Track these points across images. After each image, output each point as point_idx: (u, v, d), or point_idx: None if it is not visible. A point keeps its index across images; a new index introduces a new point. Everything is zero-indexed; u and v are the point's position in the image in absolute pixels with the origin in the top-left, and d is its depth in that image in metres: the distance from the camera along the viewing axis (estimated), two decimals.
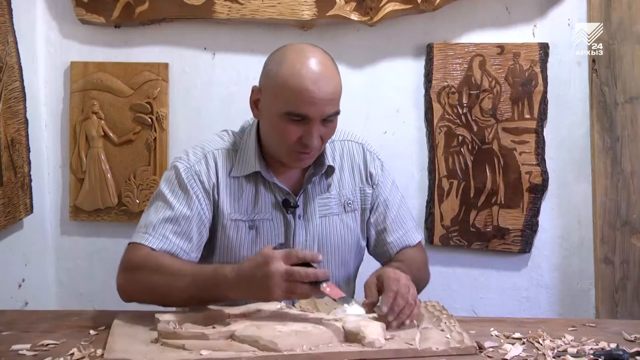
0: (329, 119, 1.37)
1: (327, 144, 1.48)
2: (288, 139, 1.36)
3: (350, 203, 1.52)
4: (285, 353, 1.14)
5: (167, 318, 1.25)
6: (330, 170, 1.50)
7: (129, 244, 1.41)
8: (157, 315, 1.26)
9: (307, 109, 1.33)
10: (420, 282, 1.48)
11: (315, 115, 1.34)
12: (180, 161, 1.45)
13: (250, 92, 1.44)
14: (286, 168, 1.46)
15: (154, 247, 1.37)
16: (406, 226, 1.57)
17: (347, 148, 1.55)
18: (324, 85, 1.33)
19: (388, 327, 1.24)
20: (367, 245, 1.59)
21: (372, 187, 1.55)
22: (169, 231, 1.38)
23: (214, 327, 1.23)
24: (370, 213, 1.55)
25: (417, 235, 1.59)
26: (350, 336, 1.20)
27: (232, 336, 1.19)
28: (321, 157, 1.47)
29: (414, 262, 1.51)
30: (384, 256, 1.57)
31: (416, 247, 1.58)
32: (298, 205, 1.47)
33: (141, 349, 1.15)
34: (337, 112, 1.39)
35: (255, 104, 1.43)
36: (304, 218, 1.48)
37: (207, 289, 1.28)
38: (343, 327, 1.22)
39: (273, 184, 1.45)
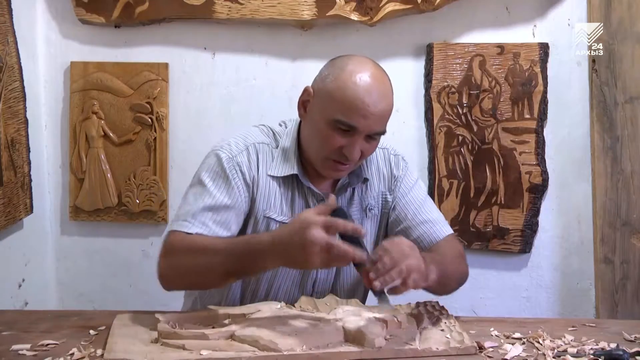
0: (374, 137, 1.36)
1: None
2: (329, 146, 1.35)
3: (371, 208, 1.50)
4: (285, 353, 1.14)
5: (168, 318, 1.25)
6: (364, 181, 1.49)
7: (168, 231, 1.38)
8: (157, 315, 1.26)
9: (357, 121, 1.31)
10: (455, 273, 1.43)
11: (364, 128, 1.32)
12: (222, 150, 1.42)
13: (302, 92, 1.42)
14: (321, 175, 1.44)
15: (191, 232, 1.34)
16: (431, 221, 1.50)
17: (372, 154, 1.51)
18: (379, 102, 1.32)
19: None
20: None
21: (394, 189, 1.52)
22: (209, 219, 1.35)
23: (213, 327, 1.23)
24: (390, 213, 1.52)
25: (445, 229, 1.51)
26: (350, 336, 1.21)
27: (232, 336, 1.19)
28: (358, 169, 1.46)
29: (447, 254, 1.44)
30: None
31: (448, 240, 1.50)
32: None
33: (141, 349, 1.15)
34: (383, 132, 1.38)
35: (303, 104, 1.41)
36: None
37: (242, 261, 1.24)
38: (343, 327, 1.22)
39: (308, 188, 1.44)
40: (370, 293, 1.34)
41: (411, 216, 1.50)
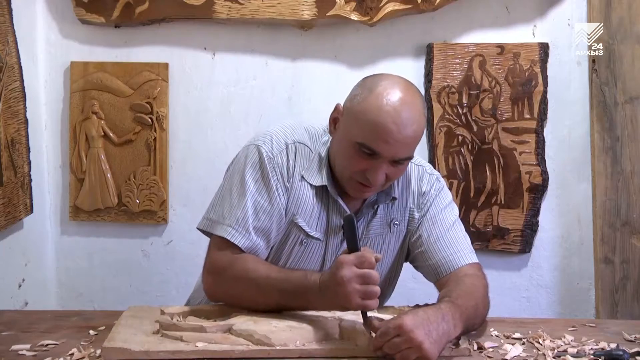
0: (400, 162, 1.32)
1: None
2: (353, 168, 1.33)
3: (396, 223, 1.46)
4: (278, 348, 1.16)
5: (173, 311, 1.28)
6: (392, 200, 1.45)
7: (211, 235, 1.38)
8: (162, 308, 1.28)
9: (380, 147, 1.28)
10: (475, 320, 1.31)
11: (387, 154, 1.29)
12: (264, 145, 1.39)
13: (334, 108, 1.39)
14: None
15: (236, 243, 1.34)
16: (454, 247, 1.43)
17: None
18: (405, 128, 1.27)
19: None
20: (416, 266, 1.51)
21: (422, 207, 1.47)
22: (251, 225, 1.35)
23: (215, 321, 1.24)
24: (413, 232, 1.47)
25: (468, 257, 1.43)
26: (346, 333, 1.21)
27: (229, 330, 1.20)
28: (387, 187, 1.42)
29: (468, 298, 1.30)
30: (430, 277, 1.46)
31: (472, 274, 1.39)
32: None
33: (141, 339, 1.17)
34: (409, 158, 1.34)
35: (333, 121, 1.39)
36: None
37: (293, 299, 1.27)
38: (339, 325, 1.23)
39: (336, 202, 1.40)
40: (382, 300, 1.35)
41: (434, 239, 1.44)
